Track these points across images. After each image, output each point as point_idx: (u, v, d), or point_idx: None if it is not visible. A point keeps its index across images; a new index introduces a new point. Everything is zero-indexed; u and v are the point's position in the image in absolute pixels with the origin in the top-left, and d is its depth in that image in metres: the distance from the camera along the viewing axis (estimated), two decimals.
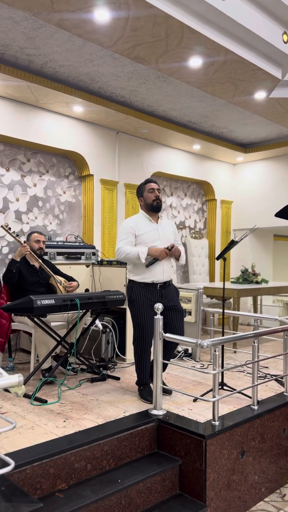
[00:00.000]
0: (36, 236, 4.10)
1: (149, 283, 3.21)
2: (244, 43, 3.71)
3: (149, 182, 3.41)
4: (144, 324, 3.20)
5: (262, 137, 6.58)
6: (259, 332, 3.07)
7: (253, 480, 2.90)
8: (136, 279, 3.24)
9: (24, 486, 2.15)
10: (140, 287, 3.22)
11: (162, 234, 3.31)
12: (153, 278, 3.21)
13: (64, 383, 3.54)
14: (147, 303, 3.18)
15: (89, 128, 5.56)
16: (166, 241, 3.30)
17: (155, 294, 3.21)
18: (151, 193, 3.34)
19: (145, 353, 3.25)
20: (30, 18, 3.40)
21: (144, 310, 3.19)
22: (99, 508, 2.24)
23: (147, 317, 3.18)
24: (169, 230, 3.40)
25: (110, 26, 3.24)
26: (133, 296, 3.23)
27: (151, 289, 3.21)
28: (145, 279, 3.21)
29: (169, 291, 3.30)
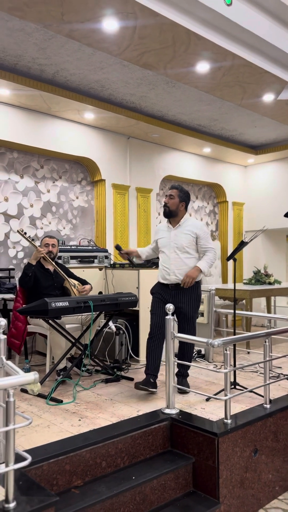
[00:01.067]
0: (45, 240, 4.19)
1: (162, 282, 3.51)
2: (250, 47, 3.75)
3: (169, 188, 3.59)
4: (151, 313, 3.46)
5: (272, 138, 6.60)
6: (270, 331, 3.11)
7: (267, 478, 2.92)
8: (158, 278, 3.59)
9: (41, 482, 2.23)
10: (158, 283, 3.57)
11: (173, 240, 3.47)
12: (161, 278, 3.51)
13: (79, 383, 3.62)
14: (158, 297, 3.48)
15: (100, 134, 5.67)
16: (175, 247, 3.45)
17: (167, 293, 3.46)
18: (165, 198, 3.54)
19: (150, 343, 3.40)
20: (41, 30, 3.52)
21: (154, 300, 3.49)
22: (114, 504, 2.30)
23: (156, 307, 3.44)
24: (183, 235, 3.44)
25: (118, 35, 3.33)
26: (153, 289, 3.58)
27: (165, 288, 3.48)
28: (159, 278, 3.55)
29: (182, 293, 3.43)
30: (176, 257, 3.43)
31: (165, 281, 3.47)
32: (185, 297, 3.44)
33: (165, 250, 3.49)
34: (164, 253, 3.49)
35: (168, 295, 3.44)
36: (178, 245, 3.44)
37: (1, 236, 4.93)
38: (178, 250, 3.44)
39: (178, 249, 3.44)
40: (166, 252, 3.48)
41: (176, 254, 3.43)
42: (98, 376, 3.91)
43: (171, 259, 3.44)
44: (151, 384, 3.29)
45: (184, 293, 3.43)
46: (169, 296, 3.44)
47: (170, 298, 3.43)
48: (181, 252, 3.43)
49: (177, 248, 3.44)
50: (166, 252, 3.47)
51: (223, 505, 2.58)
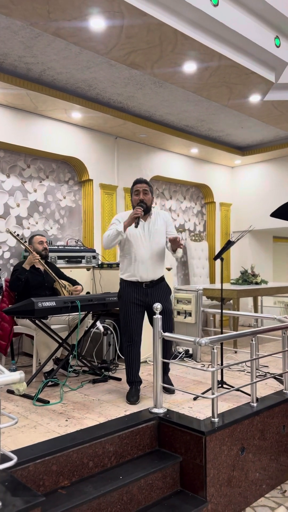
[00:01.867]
0: (39, 238, 4.15)
1: (134, 282, 3.28)
2: (237, 47, 3.78)
3: (136, 183, 3.34)
4: (128, 320, 3.27)
5: (259, 140, 6.66)
6: (256, 330, 3.12)
7: (254, 476, 2.94)
8: (124, 277, 3.34)
9: (27, 482, 2.20)
10: (127, 285, 3.31)
11: (150, 232, 3.30)
12: (137, 277, 3.27)
13: (66, 384, 3.59)
14: (132, 301, 3.27)
15: (87, 134, 5.65)
16: (152, 241, 3.30)
17: (140, 292, 3.28)
18: (136, 196, 3.30)
19: (130, 349, 3.29)
20: (27, 28, 3.49)
21: (128, 306, 3.27)
22: (101, 504, 2.29)
23: (131, 314, 3.26)
24: (158, 225, 3.35)
25: (105, 33, 3.32)
26: (120, 293, 3.35)
27: (136, 287, 3.28)
28: (130, 278, 3.29)
29: (156, 290, 3.31)
30: (153, 253, 3.30)
31: (138, 279, 3.26)
32: (159, 292, 3.32)
33: (139, 246, 3.27)
34: (139, 249, 3.27)
35: (141, 295, 3.27)
36: (155, 239, 3.30)
37: None
38: (155, 245, 3.30)
39: (155, 243, 3.30)
40: (141, 247, 3.27)
41: (152, 249, 3.29)
42: (86, 377, 3.89)
43: (148, 255, 3.27)
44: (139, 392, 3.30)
45: (157, 289, 3.31)
46: (142, 295, 3.27)
47: (144, 297, 3.27)
48: (156, 246, 3.31)
49: (154, 243, 3.30)
50: (141, 248, 3.27)
51: (210, 503, 2.59)
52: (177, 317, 4.95)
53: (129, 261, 3.31)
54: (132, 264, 3.29)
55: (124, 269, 3.35)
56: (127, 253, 3.31)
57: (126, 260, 3.33)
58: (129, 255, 3.30)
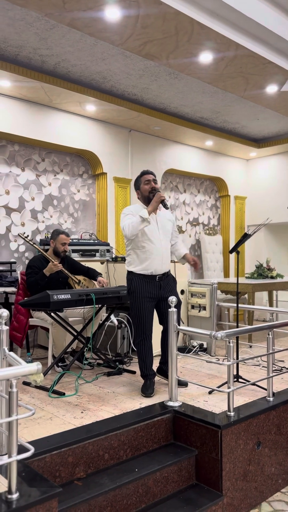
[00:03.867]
0: (63, 238, 4.05)
1: (148, 275, 3.23)
2: (254, 37, 3.71)
3: (145, 174, 3.35)
4: (142, 315, 3.23)
5: (275, 131, 6.55)
6: (273, 324, 3.08)
7: (270, 471, 2.91)
8: (135, 270, 3.25)
9: (43, 473, 2.21)
10: (139, 279, 3.24)
11: (161, 225, 3.33)
12: (152, 270, 3.23)
13: (81, 376, 3.60)
14: (146, 295, 3.22)
15: (102, 126, 5.63)
16: (164, 232, 3.33)
17: (153, 286, 3.25)
18: (146, 185, 3.30)
19: (144, 344, 3.28)
20: (42, 19, 3.47)
21: (141, 302, 3.22)
22: (117, 496, 2.29)
23: (145, 308, 3.23)
24: (167, 221, 3.40)
25: (120, 24, 3.28)
26: (132, 288, 3.25)
27: (149, 281, 3.24)
28: (144, 271, 3.23)
29: (167, 282, 3.33)
30: (166, 245, 3.33)
31: (155, 272, 3.23)
32: (170, 285, 3.34)
33: (155, 238, 3.25)
34: (153, 241, 3.23)
35: (154, 288, 3.25)
36: (166, 233, 3.34)
37: (3, 229, 4.91)
38: (166, 238, 3.34)
39: (167, 236, 3.34)
40: (155, 240, 3.24)
41: (165, 241, 3.32)
42: (100, 369, 3.89)
43: (162, 248, 3.28)
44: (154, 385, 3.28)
45: (168, 282, 3.34)
46: (155, 288, 3.25)
47: (157, 290, 3.25)
48: (167, 239, 3.35)
49: (166, 236, 3.33)
50: (156, 241, 3.25)
51: (226, 497, 2.57)
52: (191, 311, 4.93)
53: (143, 253, 3.23)
54: (147, 256, 3.22)
55: (136, 263, 3.26)
56: (141, 245, 3.23)
57: (139, 253, 3.25)
58: (144, 247, 3.24)
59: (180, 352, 3.33)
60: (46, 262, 3.94)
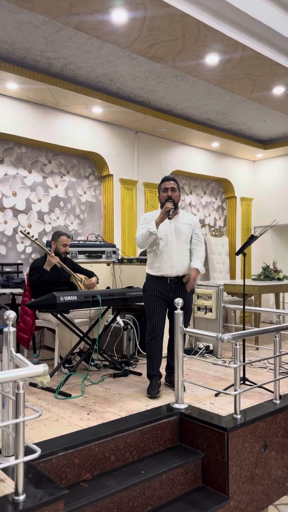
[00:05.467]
0: (64, 239, 4.08)
1: (159, 277, 3.31)
2: (261, 38, 3.70)
3: (164, 180, 3.41)
4: (152, 313, 3.29)
5: (281, 133, 6.53)
6: (280, 326, 3.07)
7: (277, 474, 2.89)
8: (150, 272, 3.37)
9: (50, 475, 2.22)
10: (152, 279, 3.34)
11: (176, 229, 3.33)
12: (161, 272, 3.29)
13: (88, 378, 3.61)
14: (156, 295, 3.29)
15: (108, 128, 5.64)
16: (179, 236, 3.33)
17: (165, 288, 3.30)
18: (164, 193, 3.35)
19: (152, 343, 3.29)
20: (49, 22, 3.49)
21: (152, 300, 3.29)
22: (123, 498, 2.29)
23: (155, 307, 3.28)
24: (185, 225, 3.38)
25: (127, 26, 3.29)
26: (146, 287, 3.37)
27: (161, 282, 3.30)
28: (156, 273, 3.33)
29: (180, 287, 3.32)
30: (179, 249, 3.32)
31: (165, 274, 3.29)
32: (183, 290, 3.33)
33: (166, 241, 3.30)
34: (165, 244, 3.30)
35: (167, 290, 3.30)
36: (181, 236, 3.34)
37: (10, 231, 4.93)
38: (181, 242, 3.33)
39: (181, 240, 3.34)
40: (167, 243, 3.30)
41: (179, 245, 3.32)
42: (106, 371, 3.90)
43: (174, 250, 3.30)
44: (160, 386, 3.28)
45: (182, 286, 3.33)
46: (168, 291, 3.30)
47: (169, 292, 3.29)
48: (183, 243, 3.34)
49: (180, 240, 3.33)
50: (168, 244, 3.30)
51: (232, 500, 2.56)
52: (197, 313, 4.92)
53: (155, 256, 3.33)
54: (158, 259, 3.31)
55: (150, 264, 3.38)
56: (154, 248, 3.34)
57: (152, 255, 3.36)
58: (156, 250, 3.33)
59: (186, 354, 3.33)
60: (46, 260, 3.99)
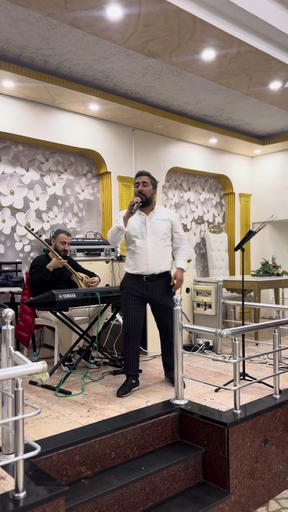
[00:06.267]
0: (63, 237, 4.07)
1: (135, 274, 3.26)
2: (257, 33, 3.69)
3: (137, 176, 3.34)
4: (126, 312, 3.24)
5: (279, 128, 6.52)
6: (279, 321, 3.07)
7: (277, 469, 2.90)
8: (127, 270, 3.32)
9: (50, 472, 2.22)
10: (129, 277, 3.29)
11: (151, 226, 3.24)
12: (137, 270, 3.24)
13: (87, 375, 3.61)
14: (132, 293, 3.24)
15: (105, 126, 5.63)
16: (154, 235, 3.24)
17: (140, 286, 3.24)
18: (136, 188, 3.30)
19: (128, 341, 3.24)
20: (44, 19, 3.48)
21: (128, 298, 3.25)
22: (124, 494, 2.29)
23: (130, 306, 3.23)
24: (161, 221, 3.28)
25: (122, 22, 3.28)
26: (122, 284, 3.33)
27: (137, 280, 3.25)
28: (132, 271, 3.27)
29: (157, 285, 3.25)
30: (154, 246, 3.23)
31: (140, 272, 3.23)
32: (161, 288, 3.26)
33: (141, 238, 3.22)
34: (139, 242, 3.22)
35: (142, 288, 3.23)
36: (157, 233, 3.25)
37: (8, 230, 4.92)
38: (156, 238, 3.24)
39: (157, 237, 3.24)
40: (142, 240, 3.22)
41: (154, 242, 3.23)
42: (106, 368, 3.90)
43: (148, 248, 3.21)
44: (133, 386, 3.23)
45: (159, 284, 3.26)
46: (143, 288, 3.23)
47: (144, 290, 3.23)
48: (159, 240, 3.24)
49: (156, 236, 3.24)
50: (142, 241, 3.22)
51: (233, 495, 2.57)
52: (197, 309, 4.92)
53: (131, 254, 3.29)
54: (133, 257, 3.26)
55: (127, 263, 3.33)
56: (129, 246, 3.30)
57: (128, 253, 3.32)
58: (131, 248, 3.29)
59: (186, 351, 3.33)
60: (49, 260, 3.97)
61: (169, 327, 3.26)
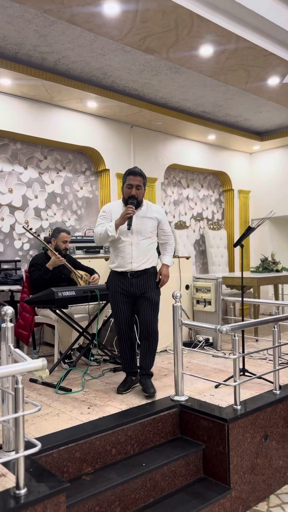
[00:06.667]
0: (64, 236, 4.05)
1: (119, 272, 3.16)
2: (255, 28, 3.68)
3: (130, 174, 3.12)
4: (116, 312, 3.18)
5: (278, 124, 6.51)
6: (279, 316, 3.07)
7: (278, 464, 2.91)
8: (111, 267, 3.23)
9: (51, 469, 2.23)
10: (114, 274, 3.20)
11: (136, 224, 3.09)
12: (122, 268, 3.13)
13: (88, 372, 3.61)
14: (119, 291, 3.16)
15: (103, 123, 5.61)
16: (139, 234, 3.12)
17: (125, 282, 3.14)
18: (128, 189, 3.11)
19: (122, 340, 3.21)
20: (41, 16, 3.46)
21: (116, 297, 3.17)
22: (125, 490, 2.30)
23: (119, 304, 3.16)
24: (147, 219, 3.16)
25: (120, 18, 3.27)
26: (108, 283, 3.26)
27: (122, 277, 3.15)
28: (116, 268, 3.17)
29: (142, 280, 3.14)
30: (139, 244, 3.11)
31: (123, 269, 3.12)
32: (146, 283, 3.15)
33: (126, 237, 3.10)
34: (124, 240, 3.10)
35: (127, 285, 3.13)
36: (143, 231, 3.12)
37: (7, 228, 4.92)
38: (141, 237, 3.12)
39: (142, 235, 3.12)
40: (127, 239, 3.10)
41: (139, 241, 3.11)
42: (106, 365, 3.90)
43: (133, 247, 3.11)
44: (133, 383, 3.23)
45: (144, 280, 3.14)
46: (128, 285, 3.13)
47: (130, 287, 3.13)
48: (144, 238, 3.13)
49: (141, 234, 3.12)
50: (127, 239, 3.10)
51: (234, 491, 2.58)
52: (197, 306, 4.92)
53: (114, 251, 3.18)
54: (117, 254, 3.16)
55: (111, 260, 3.24)
56: (113, 243, 3.18)
57: (111, 250, 3.23)
58: (114, 245, 3.18)
59: (186, 347, 3.33)
60: (48, 259, 3.96)
61: (148, 317, 3.12)
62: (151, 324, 3.14)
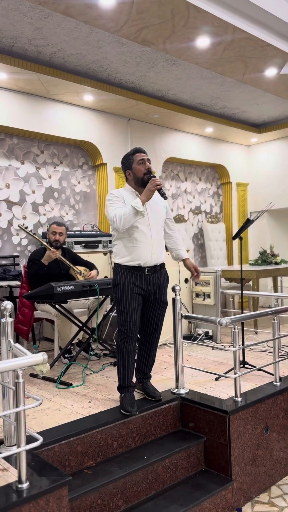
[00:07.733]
0: (53, 227, 4.02)
1: (135, 267, 2.73)
2: (251, 19, 3.65)
3: (138, 151, 2.80)
4: (128, 310, 2.69)
5: (275, 116, 6.48)
6: (278, 309, 3.07)
7: (279, 455, 2.92)
8: (121, 262, 2.75)
9: (53, 463, 2.23)
10: (125, 271, 2.73)
11: (152, 211, 2.79)
12: (140, 261, 2.72)
13: (88, 367, 3.62)
14: (133, 289, 2.71)
15: (100, 116, 5.58)
16: (156, 219, 2.81)
17: (141, 280, 2.73)
18: (141, 165, 2.76)
19: (124, 346, 2.72)
20: (36, 8, 3.43)
21: (129, 293, 2.70)
22: (127, 483, 2.30)
23: (132, 301, 2.70)
24: (160, 207, 2.88)
25: (115, 10, 3.23)
26: (117, 280, 2.75)
27: (137, 274, 2.73)
28: (131, 262, 2.72)
29: (158, 277, 2.82)
30: (158, 233, 2.81)
31: (143, 264, 2.72)
32: (161, 281, 2.84)
33: (142, 225, 2.73)
34: (143, 228, 2.73)
35: (143, 282, 2.73)
36: (158, 220, 2.82)
37: (4, 223, 4.90)
38: (157, 226, 2.82)
39: (159, 224, 2.83)
40: (145, 227, 2.73)
41: (157, 229, 2.81)
42: (107, 360, 3.91)
43: (153, 235, 2.76)
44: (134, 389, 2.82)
45: (160, 277, 2.83)
46: (145, 283, 2.73)
47: (146, 285, 2.74)
48: (160, 228, 2.84)
49: (156, 223, 2.81)
50: (144, 228, 2.73)
51: (235, 482, 2.59)
52: (196, 299, 4.92)
53: (130, 242, 2.73)
54: (133, 245, 2.72)
55: (123, 253, 2.76)
56: (127, 234, 2.74)
57: (126, 242, 2.75)
58: (130, 236, 2.73)
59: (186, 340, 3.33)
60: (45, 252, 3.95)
61: (157, 320, 2.87)
62: (160, 328, 2.90)
